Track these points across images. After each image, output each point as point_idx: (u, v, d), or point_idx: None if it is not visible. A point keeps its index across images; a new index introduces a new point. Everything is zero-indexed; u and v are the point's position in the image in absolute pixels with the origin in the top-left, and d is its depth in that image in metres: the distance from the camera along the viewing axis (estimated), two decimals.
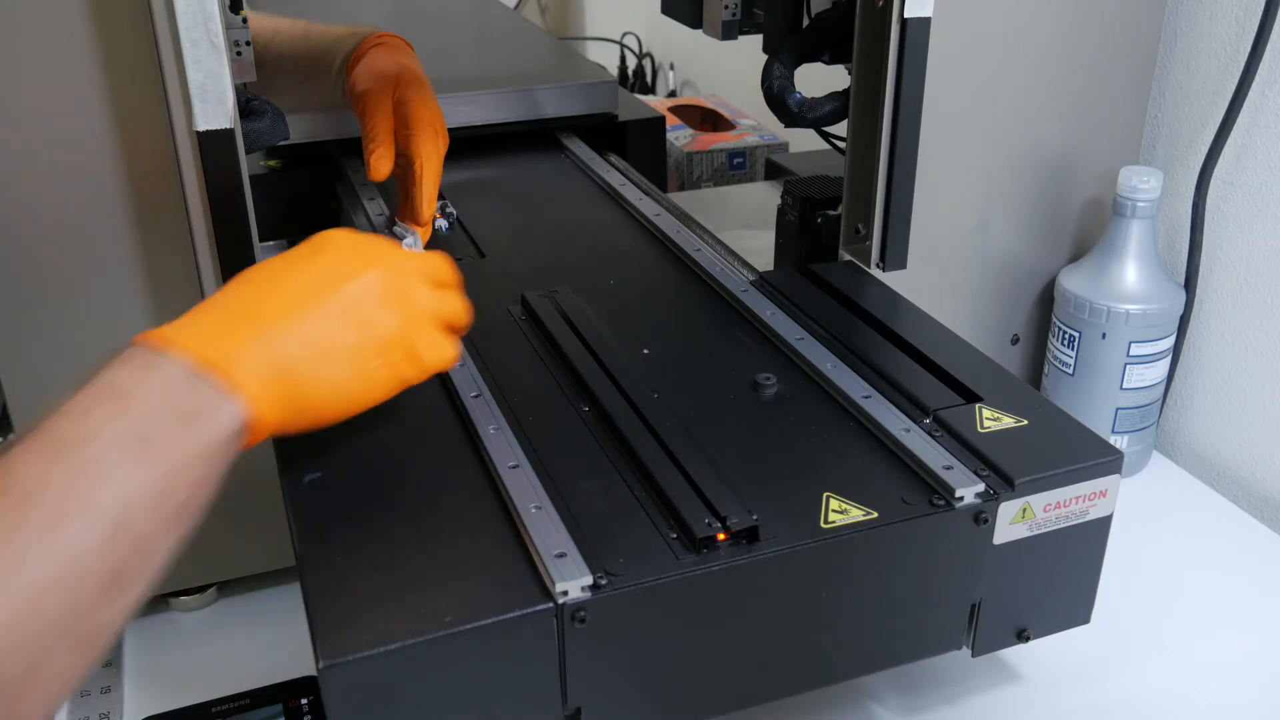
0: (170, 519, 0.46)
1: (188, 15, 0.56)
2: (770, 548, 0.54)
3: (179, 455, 0.46)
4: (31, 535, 0.42)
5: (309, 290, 0.53)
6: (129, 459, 0.45)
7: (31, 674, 0.42)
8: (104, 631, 0.44)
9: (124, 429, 0.45)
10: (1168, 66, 0.92)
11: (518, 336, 0.74)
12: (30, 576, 0.41)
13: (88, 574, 0.43)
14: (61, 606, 0.42)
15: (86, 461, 0.44)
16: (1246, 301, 0.89)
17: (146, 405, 0.46)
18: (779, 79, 0.85)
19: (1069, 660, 0.71)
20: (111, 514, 0.44)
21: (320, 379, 0.52)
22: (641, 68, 2.01)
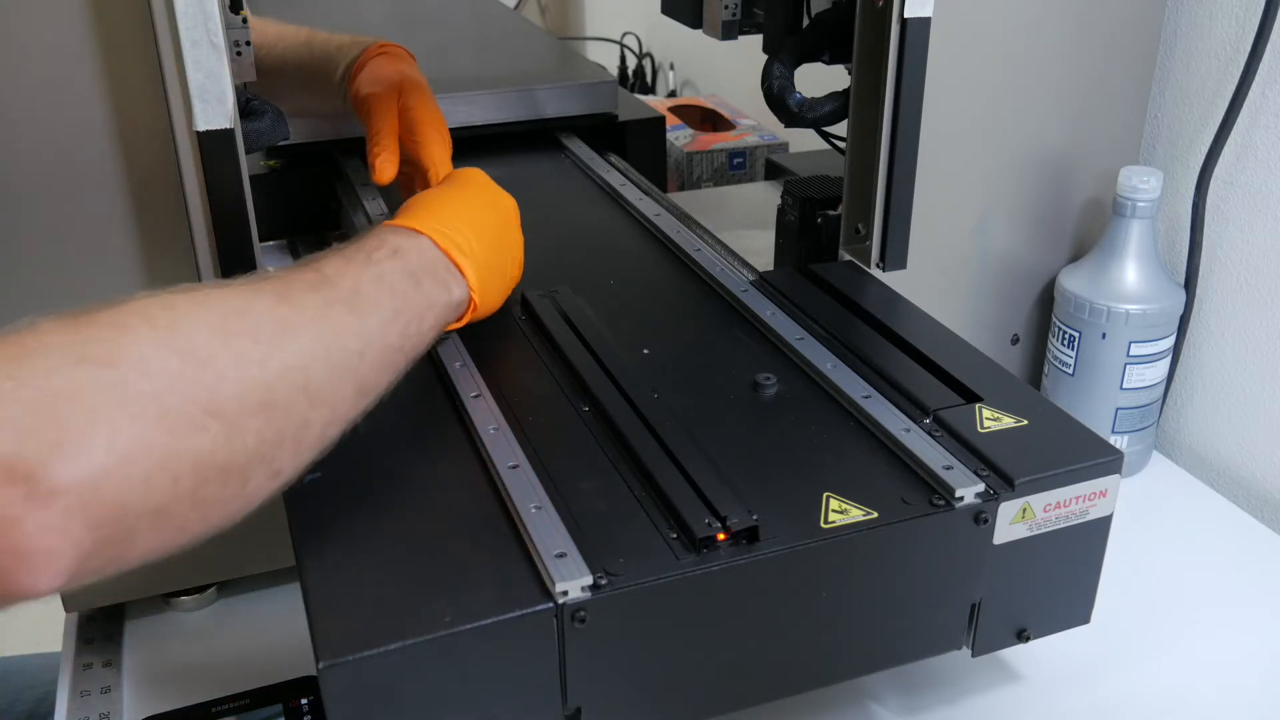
0: (423, 335, 0.60)
1: (188, 15, 0.56)
2: (770, 548, 0.54)
3: (432, 298, 0.61)
4: (338, 294, 0.55)
5: (489, 211, 0.71)
6: (405, 282, 0.59)
7: (328, 389, 0.51)
8: (375, 388, 0.55)
9: (401, 267, 0.60)
10: (1168, 66, 0.92)
11: (518, 336, 0.74)
12: (335, 315, 0.53)
13: (373, 335, 0.55)
14: (353, 347, 0.53)
15: (375, 273, 0.58)
16: (1246, 301, 0.89)
17: (417, 259, 0.62)
18: (779, 79, 0.85)
19: (1069, 660, 0.71)
20: (391, 308, 0.57)
21: (487, 301, 0.68)
22: (641, 68, 2.01)
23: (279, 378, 0.49)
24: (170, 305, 0.48)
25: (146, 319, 0.46)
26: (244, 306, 0.50)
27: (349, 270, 0.57)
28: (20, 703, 0.93)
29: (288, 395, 0.49)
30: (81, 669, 0.72)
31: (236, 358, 0.47)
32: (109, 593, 0.75)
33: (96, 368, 0.43)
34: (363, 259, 0.58)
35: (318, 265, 0.57)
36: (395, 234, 0.62)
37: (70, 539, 0.41)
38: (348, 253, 0.59)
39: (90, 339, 0.44)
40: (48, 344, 0.43)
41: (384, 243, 0.61)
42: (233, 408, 0.47)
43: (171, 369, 0.45)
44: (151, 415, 0.44)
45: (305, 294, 0.53)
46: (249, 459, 0.47)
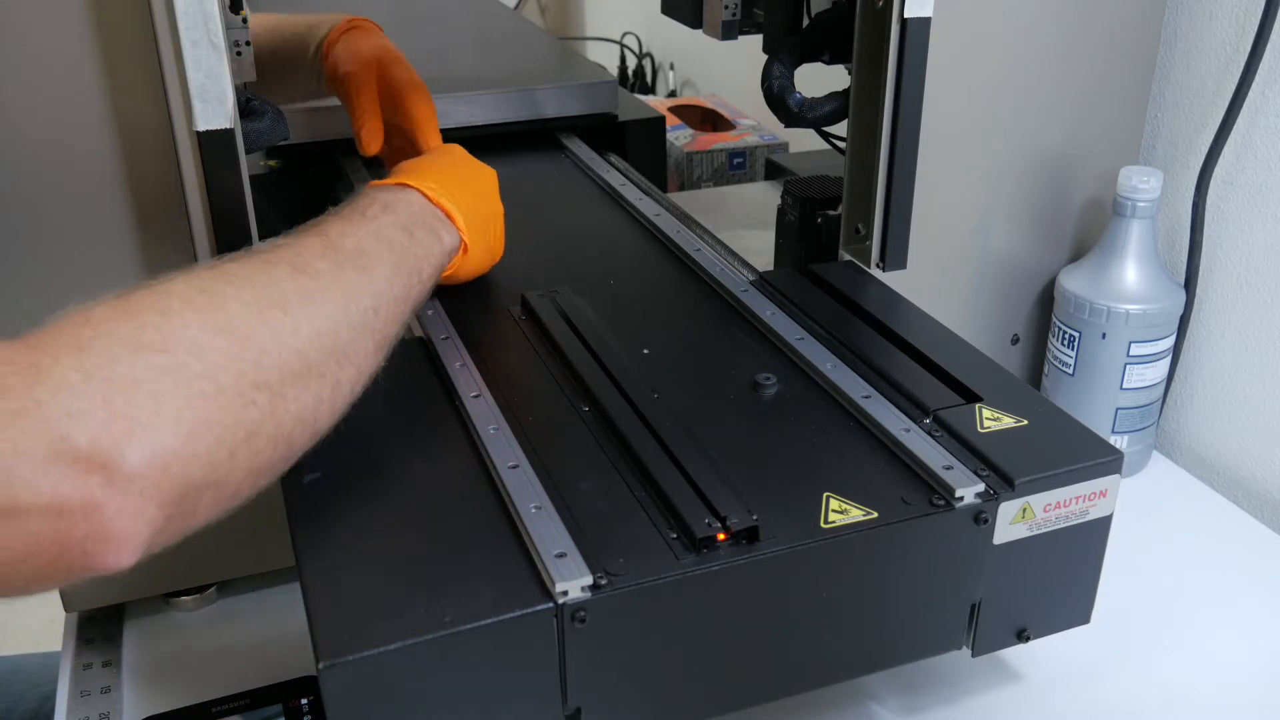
0: (423, 283, 0.64)
1: (188, 15, 0.56)
2: (770, 548, 0.54)
3: (428, 246, 0.65)
4: (345, 255, 0.57)
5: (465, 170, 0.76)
6: (401, 236, 0.63)
7: (353, 347, 0.55)
8: (388, 340, 0.59)
9: (395, 220, 0.64)
10: (1168, 66, 0.92)
11: (518, 336, 0.74)
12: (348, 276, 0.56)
13: (383, 289, 0.58)
14: (368, 304, 0.57)
15: (373, 230, 0.61)
16: (1246, 301, 0.89)
17: (407, 212, 0.65)
18: (779, 79, 0.85)
19: (1069, 660, 0.71)
20: (392, 261, 0.60)
21: (477, 249, 0.73)
22: (641, 68, 2.01)
23: (311, 344, 0.52)
24: (206, 288, 0.50)
25: (188, 303, 0.49)
26: (269, 280, 0.53)
27: (350, 231, 0.60)
28: (24, 702, 0.93)
29: (320, 360, 0.52)
30: (81, 669, 0.72)
31: (273, 331, 0.51)
32: (109, 593, 0.75)
33: (154, 354, 0.46)
34: (359, 218, 0.62)
35: (321, 229, 0.59)
36: (384, 191, 0.67)
37: (146, 519, 0.45)
38: (345, 214, 0.62)
39: (143, 325, 0.47)
40: (107, 333, 0.46)
41: (374, 200, 0.65)
42: (276, 378, 0.50)
43: (219, 348, 0.48)
44: (208, 394, 0.47)
45: (318, 260, 0.56)
46: (294, 424, 0.51)
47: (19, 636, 1.88)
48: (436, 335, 0.72)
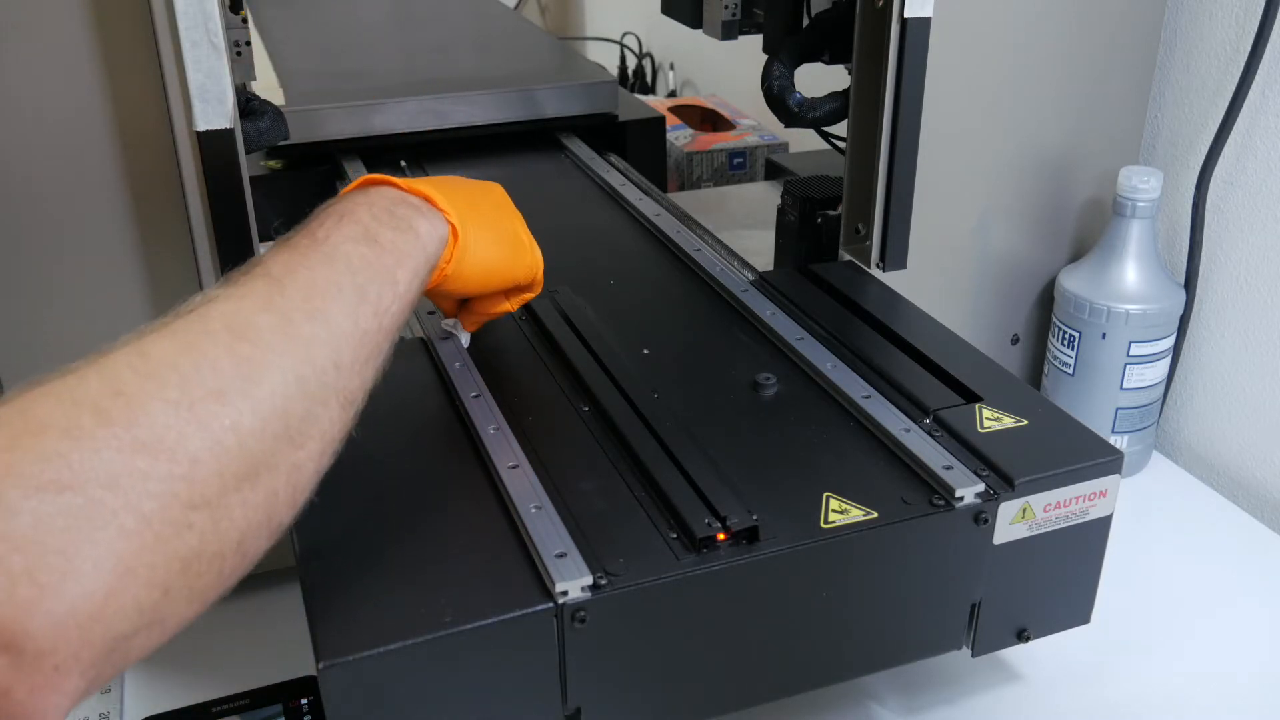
0: (399, 299, 0.54)
1: (188, 15, 0.56)
2: (770, 548, 0.54)
3: (400, 248, 0.55)
4: (293, 300, 0.48)
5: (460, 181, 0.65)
6: (361, 248, 0.53)
7: (310, 417, 0.46)
8: (357, 392, 0.50)
9: (351, 232, 0.54)
10: (1168, 66, 0.92)
11: (518, 336, 0.74)
12: (298, 330, 0.47)
13: (342, 331, 0.49)
14: (326, 360, 0.48)
15: (325, 254, 0.52)
16: (1246, 301, 0.89)
17: (368, 214, 0.55)
18: (779, 79, 0.85)
19: (1069, 660, 0.71)
20: (352, 287, 0.51)
21: (483, 224, 0.63)
22: (641, 68, 2.01)
23: (256, 436, 0.44)
24: (123, 387, 0.41)
25: (100, 415, 0.40)
26: (200, 360, 0.43)
27: (296, 262, 0.51)
28: None
29: (270, 450, 0.44)
30: None
31: (208, 432, 0.42)
32: None
33: (59, 494, 0.38)
34: (307, 243, 0.52)
35: (265, 267, 0.50)
36: (339, 201, 0.57)
37: (66, 691, 0.38)
38: (294, 241, 0.53)
39: (44, 455, 0.38)
40: (1, 473, 0.37)
41: (328, 214, 0.55)
42: (215, 490, 0.42)
43: (140, 470, 0.40)
44: (130, 532, 0.39)
45: (259, 315, 0.47)
46: (243, 532, 0.43)
47: None
48: (436, 335, 0.72)
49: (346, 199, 0.57)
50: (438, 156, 1.10)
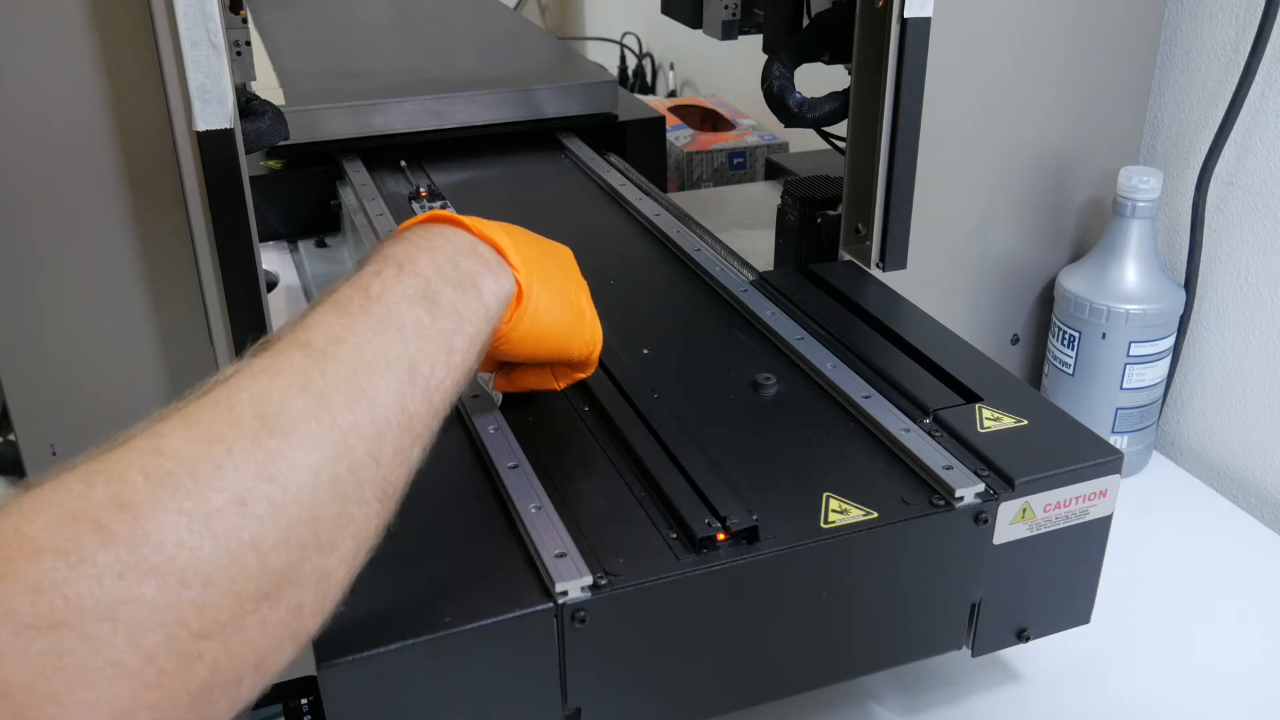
0: (452, 371, 0.48)
1: (188, 15, 0.56)
2: (770, 548, 0.54)
3: (460, 311, 0.49)
4: (333, 380, 0.43)
5: (527, 233, 0.59)
6: (416, 313, 0.47)
7: (343, 518, 0.41)
8: (399, 483, 0.45)
9: (410, 288, 0.48)
10: (1168, 66, 0.92)
11: None
12: (336, 418, 0.42)
13: (387, 419, 0.44)
14: (364, 450, 0.42)
15: (377, 318, 0.46)
16: (1246, 301, 0.89)
17: (430, 265, 0.50)
18: (779, 79, 0.85)
19: (1069, 660, 0.71)
20: (404, 362, 0.46)
21: (548, 286, 0.56)
22: (641, 68, 2.01)
23: (279, 547, 0.39)
24: (130, 497, 0.36)
25: (101, 532, 0.35)
26: (220, 459, 0.38)
27: (343, 329, 0.45)
28: None
29: (295, 560, 0.39)
30: None
31: (223, 547, 0.37)
32: None
33: (50, 632, 0.33)
34: (360, 302, 0.47)
35: (309, 331, 0.45)
36: (400, 241, 0.51)
37: None
38: (345, 296, 0.47)
39: (35, 587, 0.33)
40: None
41: (386, 259, 0.50)
42: (229, 613, 0.37)
43: (143, 598, 0.35)
44: (131, 671, 0.34)
45: (293, 398, 0.41)
46: (261, 654, 0.38)
47: None
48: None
49: (409, 241, 0.51)
50: (438, 156, 1.10)
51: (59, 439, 0.68)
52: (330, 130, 1.08)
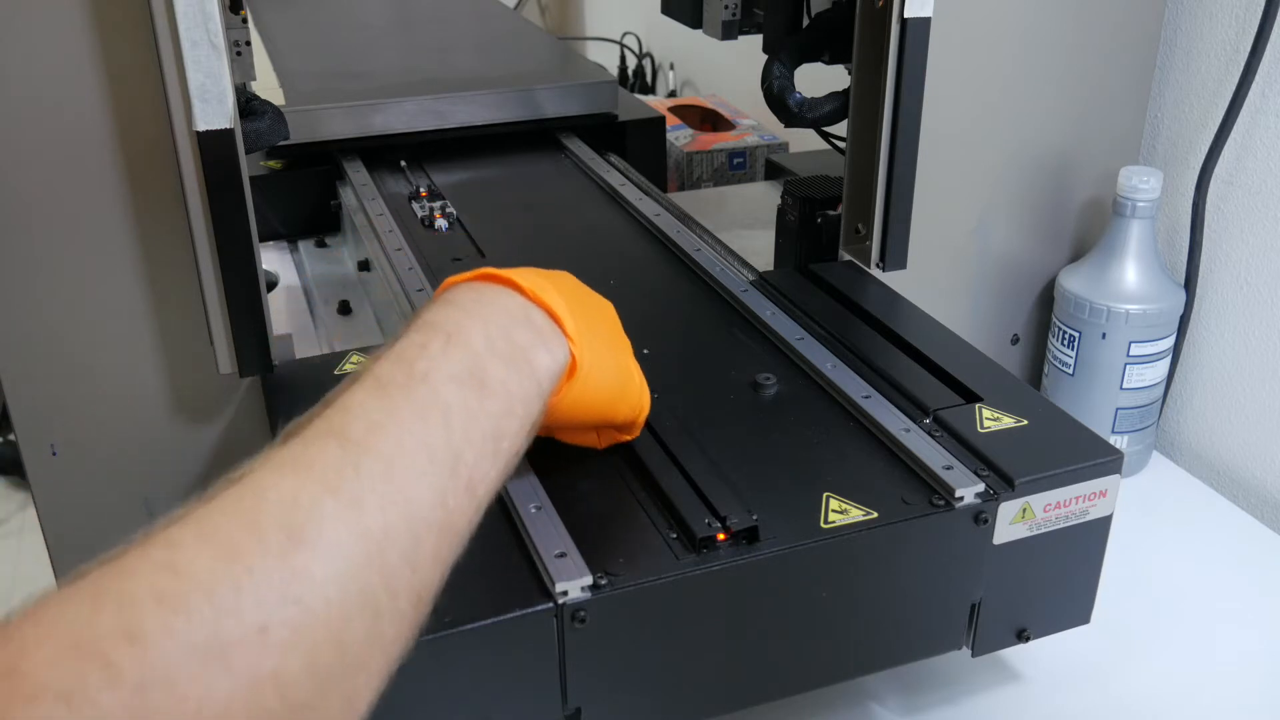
0: (500, 459, 0.45)
1: (188, 15, 0.56)
2: (770, 548, 0.54)
3: (511, 391, 0.46)
4: (369, 480, 0.39)
5: (577, 288, 0.56)
6: (464, 395, 0.44)
7: (373, 635, 0.38)
8: (433, 585, 0.41)
9: (458, 365, 0.44)
10: (1168, 66, 0.92)
11: None
12: (370, 523, 0.38)
13: (426, 520, 0.40)
14: (399, 557, 0.39)
15: (421, 402, 0.42)
16: (1246, 301, 0.89)
17: (481, 337, 0.46)
18: (779, 79, 0.84)
19: (1069, 660, 0.71)
20: (448, 455, 0.42)
21: (600, 353, 0.52)
22: (641, 68, 2.01)
23: (302, 678, 0.35)
24: (137, 627, 0.33)
25: (106, 669, 0.32)
26: (240, 578, 0.35)
27: (381, 415, 0.41)
28: None
29: (319, 687, 0.36)
30: None
31: (239, 682, 0.33)
32: None
33: None
34: (402, 380, 0.43)
35: (343, 417, 0.41)
36: (448, 306, 0.47)
37: None
38: (385, 374, 0.43)
39: None
40: None
41: (433, 327, 0.46)
42: None
43: None
44: None
45: (324, 501, 0.38)
46: None
47: None
48: None
49: (458, 306, 0.47)
50: (438, 156, 1.10)
51: (59, 439, 0.68)
52: (330, 130, 1.08)
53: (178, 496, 0.73)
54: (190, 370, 0.69)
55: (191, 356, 0.68)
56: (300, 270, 1.09)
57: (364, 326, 0.95)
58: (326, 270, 1.07)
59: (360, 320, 0.97)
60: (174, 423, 0.70)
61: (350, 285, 1.02)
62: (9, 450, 2.21)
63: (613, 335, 0.57)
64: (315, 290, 1.03)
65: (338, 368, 0.69)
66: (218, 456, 0.72)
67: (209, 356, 0.65)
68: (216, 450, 0.72)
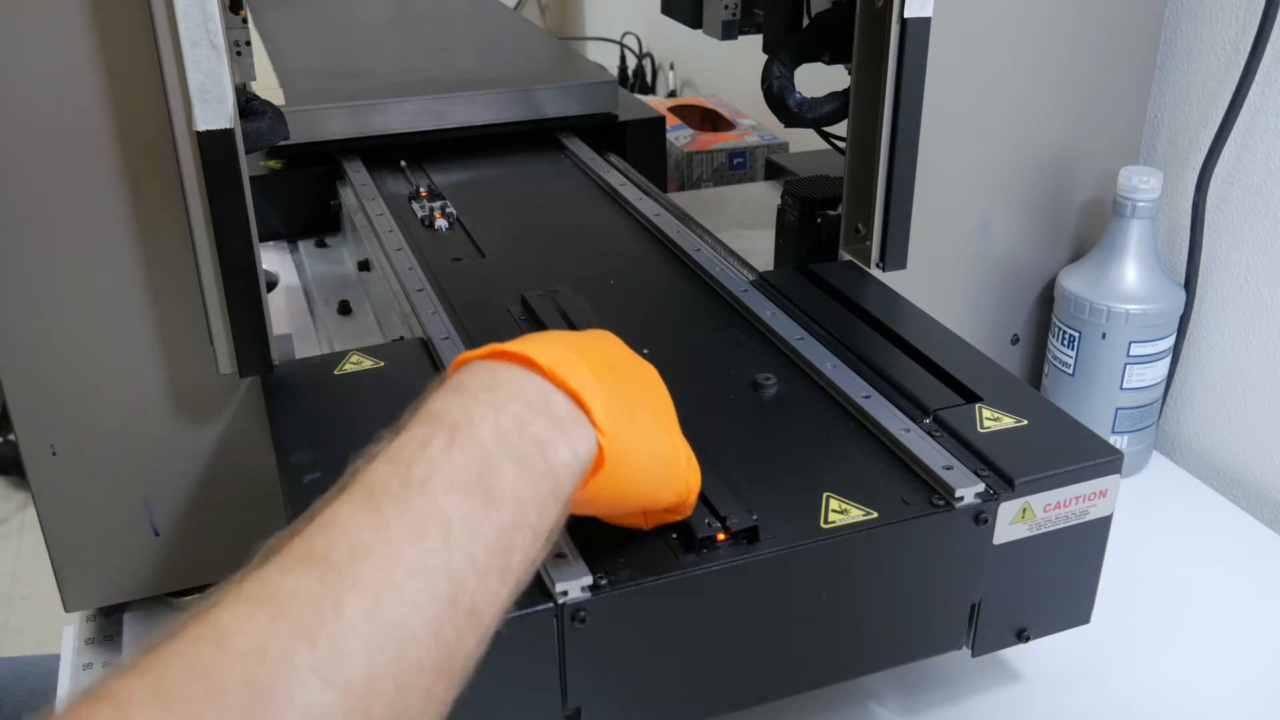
0: (510, 577, 0.39)
1: (188, 15, 0.56)
2: (770, 548, 0.54)
3: (523, 497, 0.40)
4: (352, 621, 0.33)
5: (614, 355, 0.49)
6: (468, 506, 0.38)
7: None
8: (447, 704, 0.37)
9: (462, 469, 0.39)
10: (1168, 66, 0.92)
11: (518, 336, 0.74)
12: (351, 674, 0.33)
13: (418, 661, 0.35)
14: (385, 709, 0.34)
15: (417, 516, 0.37)
16: (1246, 301, 0.89)
17: (492, 433, 0.40)
18: (779, 79, 0.85)
19: (1069, 660, 0.71)
20: (446, 580, 0.36)
21: (636, 439, 0.45)
22: (641, 68, 2.01)
23: None
24: None
25: None
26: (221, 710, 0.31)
27: (374, 531, 0.36)
28: (29, 709, 0.93)
29: None
30: (81, 669, 0.72)
31: None
32: (109, 593, 0.75)
33: None
34: (399, 487, 0.38)
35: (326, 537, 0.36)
36: (456, 393, 0.42)
37: None
38: (380, 480, 0.38)
39: None
40: None
41: (438, 423, 0.40)
42: None
43: None
44: None
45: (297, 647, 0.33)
46: None
47: (17, 635, 1.88)
48: (436, 335, 0.72)
49: (468, 392, 0.42)
50: (438, 156, 1.10)
51: (59, 439, 0.68)
52: (330, 130, 1.08)
53: (178, 496, 0.73)
54: (190, 370, 0.69)
55: (191, 356, 0.68)
56: (300, 270, 1.09)
57: (364, 326, 0.96)
58: (326, 270, 1.07)
59: (360, 320, 0.97)
60: (174, 423, 0.70)
61: (350, 285, 1.03)
62: (9, 450, 2.22)
63: (654, 410, 0.50)
64: (315, 290, 1.03)
65: (338, 368, 0.69)
66: (218, 456, 0.72)
67: (209, 356, 0.65)
68: (216, 450, 0.72)
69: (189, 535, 0.73)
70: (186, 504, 0.73)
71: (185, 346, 0.68)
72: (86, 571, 0.72)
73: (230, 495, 0.73)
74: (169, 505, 0.72)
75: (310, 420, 0.64)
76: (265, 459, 0.69)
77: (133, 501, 0.71)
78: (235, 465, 0.72)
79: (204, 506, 0.73)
